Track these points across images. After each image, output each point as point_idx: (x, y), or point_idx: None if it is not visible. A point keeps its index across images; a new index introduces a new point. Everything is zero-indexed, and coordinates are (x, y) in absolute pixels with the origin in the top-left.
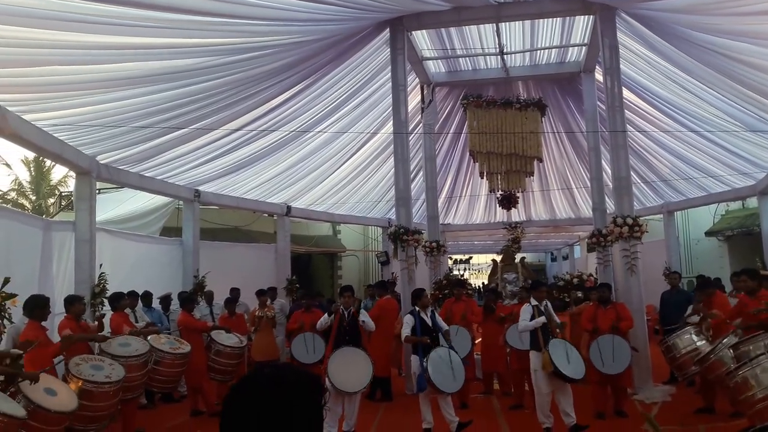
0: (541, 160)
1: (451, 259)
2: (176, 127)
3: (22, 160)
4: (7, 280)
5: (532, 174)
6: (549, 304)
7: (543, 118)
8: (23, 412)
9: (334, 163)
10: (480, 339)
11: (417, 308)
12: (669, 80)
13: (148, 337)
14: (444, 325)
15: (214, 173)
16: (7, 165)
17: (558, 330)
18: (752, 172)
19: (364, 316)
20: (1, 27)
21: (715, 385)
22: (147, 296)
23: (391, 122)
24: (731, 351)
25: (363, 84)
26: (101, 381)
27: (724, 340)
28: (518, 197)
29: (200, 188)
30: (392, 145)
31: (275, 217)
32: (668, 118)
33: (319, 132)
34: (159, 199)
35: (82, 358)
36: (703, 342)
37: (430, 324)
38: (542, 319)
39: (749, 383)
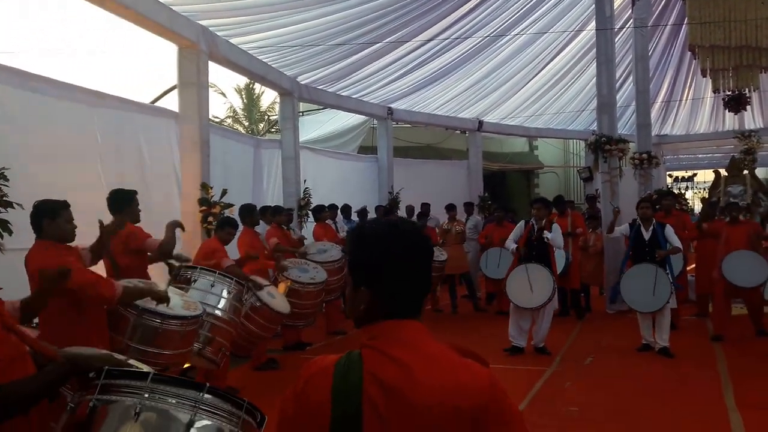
0: None
1: (670, 176)
2: (370, 42)
3: (234, 89)
4: (224, 192)
5: (767, 69)
6: None
7: None
8: (288, 309)
9: (529, 71)
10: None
11: (638, 220)
12: None
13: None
14: (673, 241)
15: (406, 89)
16: (222, 93)
17: None
18: None
19: (554, 232)
20: None
21: None
22: (346, 209)
23: (594, 20)
24: None
25: None
26: (306, 282)
27: None
28: (749, 98)
29: (392, 105)
30: (595, 47)
31: (467, 134)
32: None
33: (514, 36)
34: (355, 119)
35: (289, 261)
36: None
37: (646, 238)
38: None
39: None
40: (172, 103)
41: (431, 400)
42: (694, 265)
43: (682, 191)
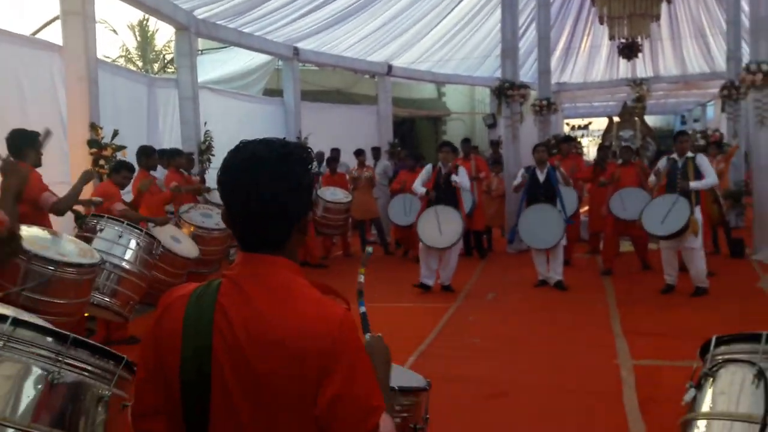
0: (669, 1)
1: (567, 124)
2: None
3: (127, 26)
4: (116, 133)
5: (658, 18)
6: (699, 157)
7: None
8: (196, 253)
9: (437, 13)
10: (587, 198)
11: (533, 164)
12: None
13: None
14: (564, 182)
15: (312, 28)
16: (114, 31)
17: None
18: None
19: (460, 175)
20: None
21: None
22: None
23: None
24: None
25: None
26: (212, 227)
27: None
28: (641, 45)
29: (299, 45)
30: None
31: (376, 79)
32: None
33: None
34: (259, 58)
35: (190, 206)
36: None
37: (542, 180)
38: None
39: None
40: (55, 35)
41: (274, 338)
42: (587, 207)
43: (579, 138)
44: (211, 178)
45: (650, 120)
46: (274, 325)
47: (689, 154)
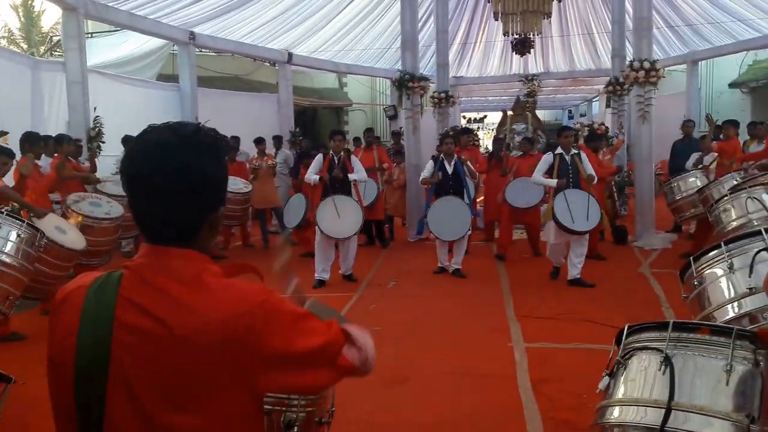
0: None
1: (464, 117)
2: None
3: (10, 5)
4: None
5: (549, 15)
6: (582, 154)
7: None
8: (83, 245)
9: (337, 4)
10: (483, 189)
11: (441, 155)
12: None
13: None
14: (470, 175)
15: (209, 12)
16: None
17: (587, 181)
18: None
19: (354, 166)
20: None
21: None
22: None
23: None
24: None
25: None
26: (101, 217)
27: (724, 177)
28: (534, 41)
29: (195, 30)
30: None
31: (276, 66)
32: None
33: None
34: (153, 42)
35: (79, 195)
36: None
37: (450, 172)
38: (553, 181)
39: (723, 215)
40: None
41: (193, 327)
42: (482, 197)
43: (475, 131)
44: (104, 166)
45: (541, 114)
46: (191, 316)
47: (573, 150)
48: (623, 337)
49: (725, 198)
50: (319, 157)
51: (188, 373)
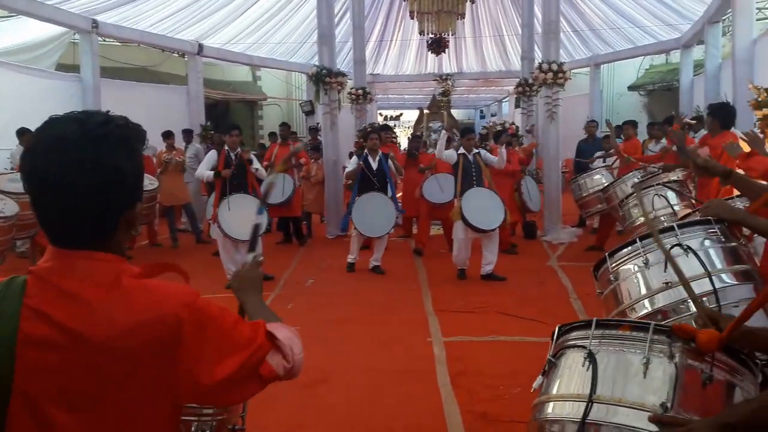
0: (473, 1)
1: (381, 115)
2: None
3: None
4: None
5: (463, 16)
6: (484, 152)
7: None
8: None
9: None
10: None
11: (365, 152)
12: None
13: None
14: (396, 171)
15: (114, 0)
16: None
17: (488, 179)
18: (678, 23)
19: (255, 164)
20: None
21: (612, 219)
22: None
23: None
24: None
25: None
26: None
27: (627, 175)
28: (448, 41)
29: (98, 18)
30: None
31: (186, 58)
32: None
33: None
34: (52, 30)
35: None
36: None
37: (375, 168)
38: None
39: (633, 211)
40: None
41: (112, 335)
42: (400, 193)
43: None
44: None
45: (455, 113)
46: (109, 322)
47: (475, 150)
48: (554, 338)
49: (634, 194)
50: (213, 153)
51: (104, 384)
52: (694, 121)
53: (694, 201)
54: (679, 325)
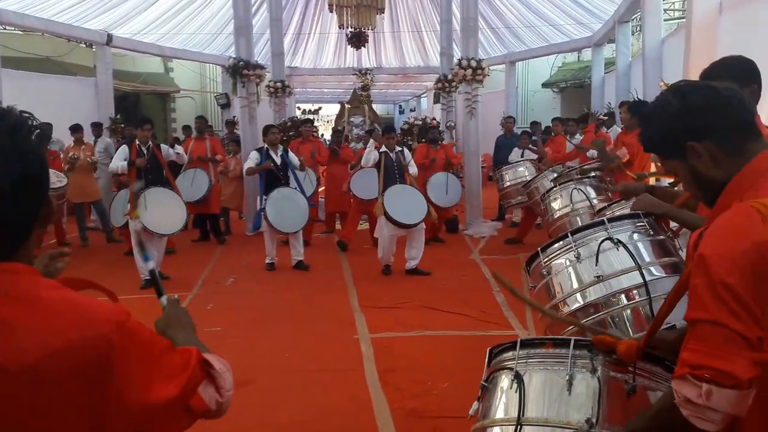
0: None
1: (299, 109)
2: None
3: None
4: None
5: (382, 11)
6: (405, 151)
7: None
8: None
9: None
10: (324, 180)
11: (266, 146)
12: None
13: None
14: (296, 162)
15: None
16: None
17: (410, 176)
18: (589, 22)
19: (166, 153)
20: None
21: (534, 213)
22: None
23: None
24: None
25: None
26: None
27: (545, 172)
28: (368, 36)
29: None
30: None
31: (94, 48)
32: None
33: None
34: None
35: None
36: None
37: (278, 162)
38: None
39: (552, 204)
40: None
41: (35, 358)
42: (323, 188)
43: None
44: None
45: (375, 108)
46: (31, 343)
47: (398, 148)
48: (487, 362)
49: (555, 188)
50: (124, 147)
51: (24, 413)
52: (606, 117)
53: (611, 195)
54: (599, 338)
